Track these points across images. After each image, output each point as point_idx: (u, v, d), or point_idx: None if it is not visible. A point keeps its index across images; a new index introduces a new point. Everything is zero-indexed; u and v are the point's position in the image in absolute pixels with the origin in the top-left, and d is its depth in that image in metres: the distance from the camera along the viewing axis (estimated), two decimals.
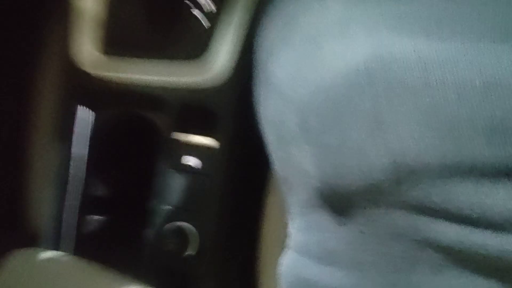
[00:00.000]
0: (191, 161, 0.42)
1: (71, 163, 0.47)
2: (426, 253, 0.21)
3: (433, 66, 0.19)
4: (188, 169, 0.42)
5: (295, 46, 0.25)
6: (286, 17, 0.27)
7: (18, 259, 0.43)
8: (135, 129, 0.48)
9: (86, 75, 0.45)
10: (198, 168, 0.42)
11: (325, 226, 0.26)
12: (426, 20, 0.20)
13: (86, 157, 0.48)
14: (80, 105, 0.47)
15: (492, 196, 0.18)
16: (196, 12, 0.39)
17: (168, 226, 0.42)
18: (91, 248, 0.48)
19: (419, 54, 0.19)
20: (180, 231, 0.41)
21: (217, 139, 0.41)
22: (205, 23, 0.39)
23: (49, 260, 0.43)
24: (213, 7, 0.39)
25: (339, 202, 0.24)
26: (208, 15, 0.39)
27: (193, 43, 0.40)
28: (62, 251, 0.47)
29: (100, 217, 0.50)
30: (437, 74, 0.19)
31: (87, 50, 0.45)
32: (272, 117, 0.28)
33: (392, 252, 0.22)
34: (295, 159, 0.26)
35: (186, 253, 0.41)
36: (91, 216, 0.49)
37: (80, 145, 0.48)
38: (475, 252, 0.19)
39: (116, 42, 0.44)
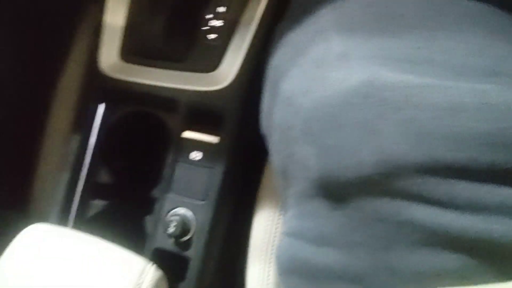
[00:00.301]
0: (195, 155, 0.46)
1: (85, 152, 0.51)
2: (405, 233, 0.25)
3: (412, 92, 0.25)
4: (192, 162, 0.46)
5: (303, 69, 0.31)
6: (296, 45, 0.33)
7: (29, 234, 0.43)
8: (147, 126, 0.51)
9: (106, 78, 0.49)
10: (201, 161, 0.46)
11: (319, 213, 0.29)
12: (407, 58, 0.26)
13: (97, 148, 0.51)
14: (98, 103, 0.51)
15: (455, 186, 0.23)
16: (210, 35, 0.45)
17: (171, 211, 0.46)
18: (95, 228, 0.49)
19: (402, 84, 0.25)
20: (181, 217, 0.44)
21: (219, 136, 0.46)
22: (217, 43, 0.44)
23: (57, 235, 0.43)
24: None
25: (333, 191, 0.28)
26: (221, 35, 0.45)
27: (205, 59, 0.45)
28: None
29: (107, 201, 0.52)
30: (415, 98, 0.25)
31: (110, 57, 0.49)
32: (279, 122, 0.33)
33: (377, 233, 0.26)
34: (297, 156, 0.30)
35: (186, 237, 0.45)
36: (99, 200, 0.52)
37: (93, 137, 0.51)
38: (444, 231, 0.24)
39: (136, 52, 0.48)
